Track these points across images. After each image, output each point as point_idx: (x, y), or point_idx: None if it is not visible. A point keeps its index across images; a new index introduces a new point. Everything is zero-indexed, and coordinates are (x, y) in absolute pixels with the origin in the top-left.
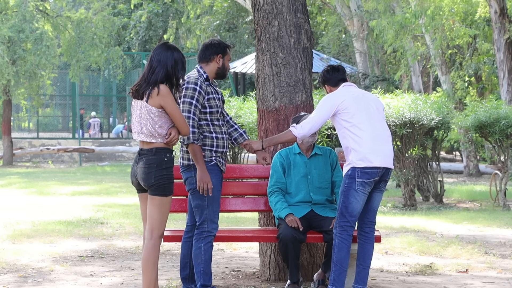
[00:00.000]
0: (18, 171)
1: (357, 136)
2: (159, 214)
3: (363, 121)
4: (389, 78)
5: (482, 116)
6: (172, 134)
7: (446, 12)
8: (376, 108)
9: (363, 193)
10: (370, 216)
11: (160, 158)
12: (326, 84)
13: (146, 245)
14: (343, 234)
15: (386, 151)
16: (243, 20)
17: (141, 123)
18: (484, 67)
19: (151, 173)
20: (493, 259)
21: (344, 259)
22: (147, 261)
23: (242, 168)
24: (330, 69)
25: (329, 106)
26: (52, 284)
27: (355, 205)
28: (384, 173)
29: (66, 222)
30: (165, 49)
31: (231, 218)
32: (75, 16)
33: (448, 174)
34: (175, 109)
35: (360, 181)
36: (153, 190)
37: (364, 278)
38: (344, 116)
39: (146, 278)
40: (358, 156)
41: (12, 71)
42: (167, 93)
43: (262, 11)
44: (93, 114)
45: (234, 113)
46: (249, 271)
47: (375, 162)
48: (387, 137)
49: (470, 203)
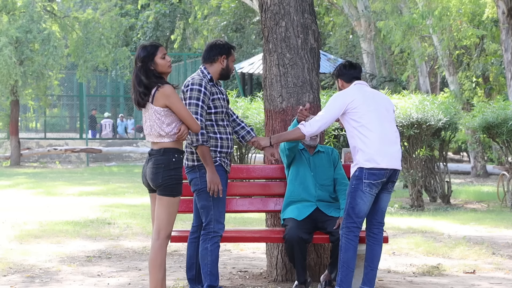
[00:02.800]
0: (26, 171)
1: (365, 136)
2: (167, 215)
3: (372, 121)
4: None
5: (490, 116)
6: (182, 129)
7: (454, 12)
8: (386, 109)
9: (370, 194)
10: (378, 217)
11: (168, 158)
12: (340, 78)
13: (152, 245)
14: (350, 235)
15: (393, 153)
16: (250, 20)
17: (150, 125)
18: (492, 68)
19: (159, 173)
20: (501, 260)
21: (351, 260)
22: (154, 261)
23: (249, 169)
24: (347, 65)
25: (339, 104)
26: (59, 284)
27: (362, 206)
28: (392, 174)
29: (73, 223)
30: (136, 52)
31: (238, 218)
32: (83, 16)
33: (455, 174)
34: (181, 108)
35: (367, 182)
36: (161, 190)
37: (372, 280)
38: (353, 116)
39: (153, 278)
40: (365, 157)
41: (20, 72)
42: (172, 92)
43: (270, 12)
44: (106, 114)
45: (241, 113)
46: (256, 271)
47: (382, 164)
48: (395, 138)
49: (477, 204)
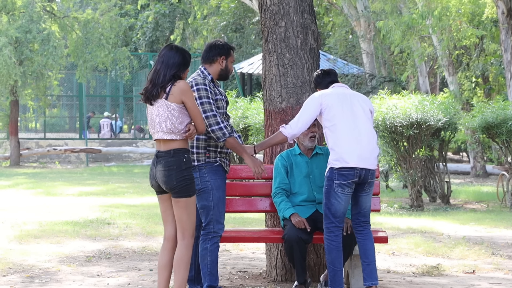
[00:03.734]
0: (25, 171)
1: (335, 136)
2: (188, 215)
3: (343, 121)
4: (396, 78)
5: (489, 117)
6: (191, 129)
7: (453, 12)
8: (362, 109)
9: (344, 194)
10: (362, 217)
11: (179, 159)
12: (318, 88)
13: (179, 245)
14: (330, 235)
15: (364, 152)
16: (250, 20)
17: (159, 121)
18: (491, 68)
19: (171, 175)
20: (500, 260)
21: (336, 260)
22: (180, 261)
23: (249, 169)
24: (321, 73)
25: (313, 104)
26: (58, 284)
27: (337, 206)
28: (365, 175)
29: (73, 223)
30: (167, 50)
31: (237, 218)
32: (82, 16)
33: (455, 175)
34: (195, 105)
35: (338, 183)
36: (177, 192)
37: (371, 274)
38: (327, 116)
39: (179, 278)
40: (334, 156)
41: (19, 72)
42: (188, 88)
43: (269, 12)
44: (106, 114)
45: (241, 113)
46: (255, 271)
47: (350, 163)
48: (369, 138)
49: (477, 204)
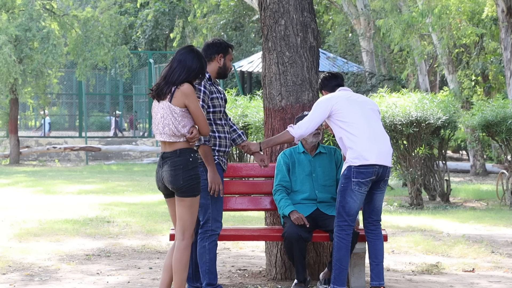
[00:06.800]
0: (25, 169)
1: (352, 134)
2: (190, 215)
3: (358, 120)
4: (395, 77)
5: (489, 115)
6: (194, 133)
7: (453, 11)
8: (371, 109)
9: (360, 193)
10: (374, 216)
11: (185, 159)
12: (324, 90)
13: (178, 245)
14: (341, 233)
15: (382, 149)
16: (249, 19)
17: (163, 123)
18: (491, 66)
19: (178, 175)
20: (500, 258)
21: (344, 258)
22: (179, 261)
23: (248, 167)
24: (328, 76)
25: (324, 106)
26: (58, 282)
27: (352, 204)
28: (382, 172)
29: (73, 221)
30: (187, 51)
31: (237, 217)
32: (82, 15)
33: (454, 173)
34: (198, 109)
35: (356, 181)
36: (183, 192)
37: (379, 274)
38: (339, 117)
39: (178, 278)
40: (353, 154)
41: (19, 70)
42: (192, 92)
43: (269, 10)
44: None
45: (241, 112)
46: (255, 270)
47: (370, 160)
48: (384, 137)
49: (476, 202)
